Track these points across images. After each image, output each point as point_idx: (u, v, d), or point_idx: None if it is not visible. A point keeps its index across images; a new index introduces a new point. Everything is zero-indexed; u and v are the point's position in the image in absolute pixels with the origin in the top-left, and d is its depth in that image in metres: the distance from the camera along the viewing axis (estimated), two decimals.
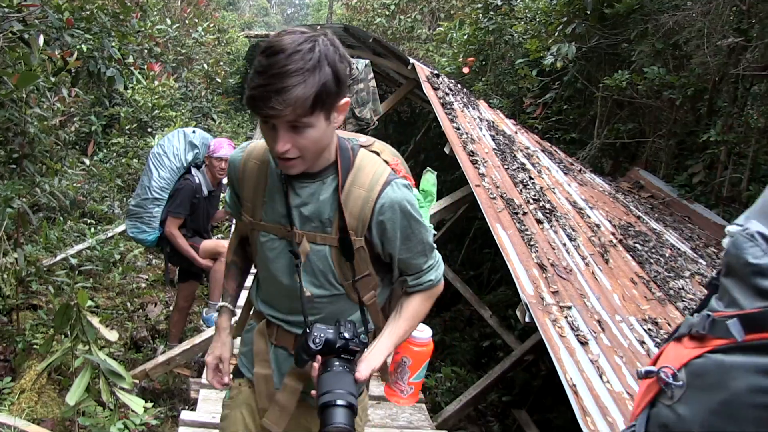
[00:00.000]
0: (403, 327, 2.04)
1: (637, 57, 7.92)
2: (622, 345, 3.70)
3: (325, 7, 33.35)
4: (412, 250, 1.96)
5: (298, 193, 1.91)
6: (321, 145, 1.76)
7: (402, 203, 1.87)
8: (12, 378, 4.83)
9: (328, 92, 1.64)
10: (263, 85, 1.59)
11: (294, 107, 1.59)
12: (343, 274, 1.95)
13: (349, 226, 1.87)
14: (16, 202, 4.79)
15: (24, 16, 3.58)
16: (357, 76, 5.37)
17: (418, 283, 2.04)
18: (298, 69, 1.58)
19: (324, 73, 1.62)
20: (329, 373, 1.84)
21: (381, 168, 1.92)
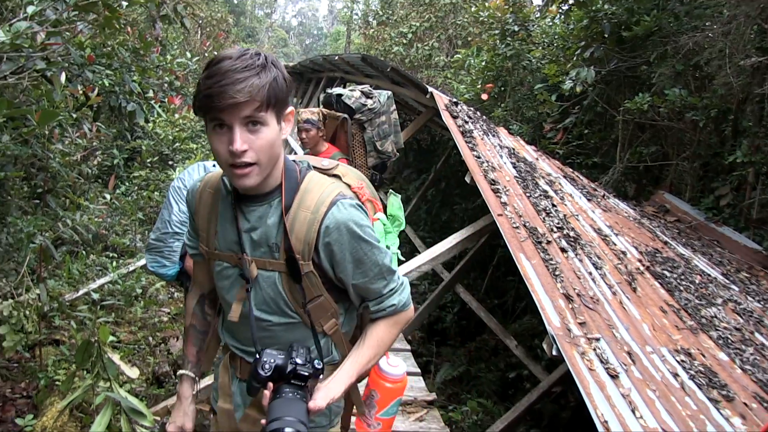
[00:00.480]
0: (367, 355, 1.95)
1: (657, 79, 7.82)
2: (655, 378, 3.57)
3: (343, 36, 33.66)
4: (367, 274, 1.89)
5: (247, 217, 1.87)
6: (274, 151, 1.74)
7: (347, 224, 1.80)
8: (34, 415, 4.80)
9: (280, 89, 1.68)
10: (216, 82, 1.60)
11: (252, 96, 1.61)
12: (295, 300, 1.89)
13: (295, 250, 1.82)
14: (39, 237, 4.78)
15: (47, 54, 3.58)
16: (379, 108, 5.31)
17: (379, 308, 1.96)
18: (248, 66, 1.63)
19: (273, 72, 1.67)
20: (279, 399, 1.77)
21: (329, 189, 1.86)
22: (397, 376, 2.13)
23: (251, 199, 1.85)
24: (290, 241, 1.81)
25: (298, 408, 1.74)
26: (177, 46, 12.47)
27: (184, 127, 10.51)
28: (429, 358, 8.61)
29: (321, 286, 1.88)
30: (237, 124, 1.64)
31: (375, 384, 2.14)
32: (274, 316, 1.92)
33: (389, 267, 1.94)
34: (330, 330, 1.98)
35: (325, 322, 1.96)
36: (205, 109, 1.64)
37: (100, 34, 4.54)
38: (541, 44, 10.95)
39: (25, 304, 4.77)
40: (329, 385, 1.87)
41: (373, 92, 5.46)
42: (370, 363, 1.96)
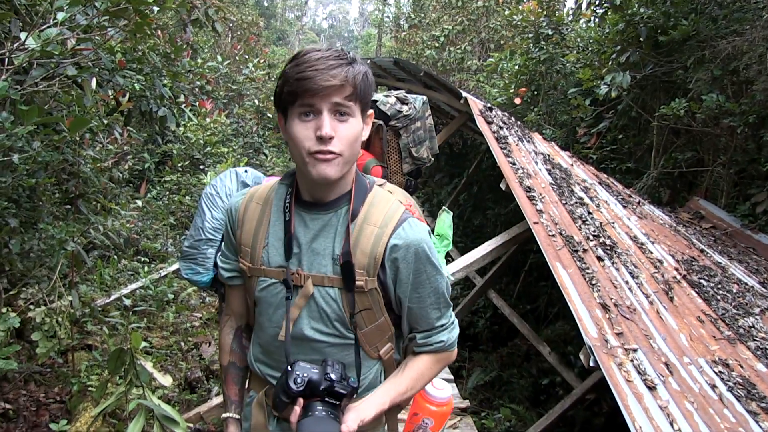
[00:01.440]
0: (405, 385, 1.86)
1: (694, 84, 7.72)
2: (693, 389, 3.52)
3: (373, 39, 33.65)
4: (423, 300, 1.81)
5: (309, 225, 1.79)
6: (356, 147, 1.71)
7: (419, 243, 1.75)
8: (68, 420, 4.85)
9: (367, 85, 1.67)
10: (310, 67, 1.59)
11: (347, 81, 1.60)
12: (354, 320, 1.79)
13: (358, 266, 1.73)
14: (71, 243, 4.82)
15: (78, 60, 3.61)
16: (414, 114, 5.28)
17: (427, 342, 1.88)
18: (339, 56, 1.63)
19: (362, 67, 1.66)
20: (310, 418, 1.63)
21: (395, 206, 1.81)
22: (444, 399, 2.07)
23: (315, 206, 1.79)
24: (355, 255, 1.73)
25: (331, 427, 1.63)
26: (207, 49, 12.55)
27: (215, 131, 10.56)
28: (461, 364, 8.58)
29: (382, 306, 1.81)
30: (326, 110, 1.61)
31: (424, 410, 2.05)
32: (330, 337, 1.81)
33: (446, 299, 1.87)
34: (385, 355, 1.90)
35: (382, 346, 1.89)
36: (295, 94, 1.61)
37: (130, 39, 4.57)
38: (575, 48, 10.86)
39: (57, 311, 4.82)
40: (361, 406, 1.77)
41: (409, 98, 5.44)
42: (405, 394, 1.87)
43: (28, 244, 4.54)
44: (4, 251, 4.43)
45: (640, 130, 9.48)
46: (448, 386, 2.10)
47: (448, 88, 8.71)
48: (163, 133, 10.22)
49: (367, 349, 1.86)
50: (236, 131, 12.05)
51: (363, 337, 1.83)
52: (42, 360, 4.89)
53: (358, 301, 1.77)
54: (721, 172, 8.36)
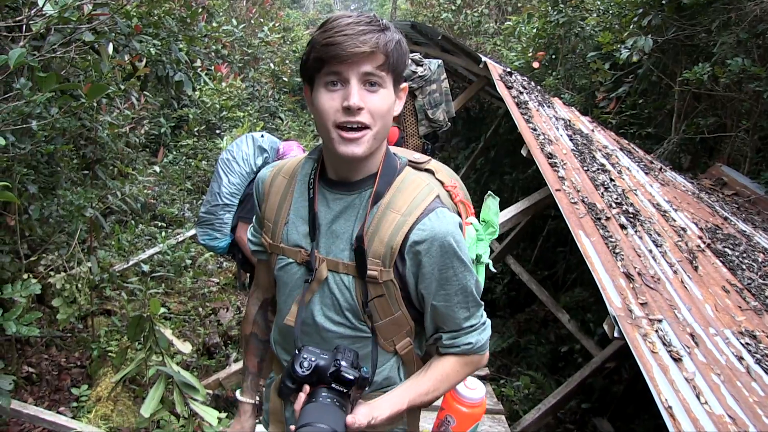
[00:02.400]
0: (426, 386, 1.73)
1: (718, 48, 7.55)
2: (719, 361, 3.48)
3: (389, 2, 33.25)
4: (450, 299, 1.66)
5: (331, 206, 1.69)
6: (387, 120, 1.59)
7: (446, 237, 1.60)
8: (88, 385, 4.90)
9: (401, 54, 1.57)
10: (339, 32, 1.49)
11: (378, 49, 1.50)
12: (368, 312, 1.68)
13: (374, 254, 1.62)
14: (89, 210, 4.81)
15: (95, 25, 3.56)
16: (429, 76, 5.22)
17: (453, 344, 1.74)
18: (371, 22, 1.53)
19: (396, 36, 1.56)
20: (314, 404, 1.54)
21: (424, 192, 1.66)
22: (476, 400, 1.92)
23: (339, 186, 1.69)
24: (372, 243, 1.62)
25: (334, 416, 1.52)
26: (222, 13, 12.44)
27: (230, 95, 10.49)
28: None
29: (399, 299, 1.68)
30: (355, 79, 1.51)
31: (450, 408, 1.95)
32: (341, 327, 1.72)
33: (476, 298, 1.72)
34: (403, 350, 1.79)
35: (399, 341, 1.77)
36: (322, 59, 1.51)
37: (146, 3, 4.51)
38: (595, 11, 10.65)
39: (77, 277, 4.83)
40: (375, 403, 1.67)
41: (424, 60, 5.37)
42: (427, 396, 1.74)
43: (47, 210, 4.54)
44: (24, 217, 4.43)
45: (661, 95, 9.33)
46: (482, 387, 1.97)
47: (466, 52, 8.57)
48: (179, 98, 10.16)
49: (382, 342, 1.75)
50: (252, 95, 11.99)
51: (377, 330, 1.72)
52: (63, 325, 4.93)
53: (372, 292, 1.66)
54: (745, 137, 8.24)
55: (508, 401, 6.35)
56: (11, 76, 3.56)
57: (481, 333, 1.77)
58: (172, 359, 4.10)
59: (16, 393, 4.50)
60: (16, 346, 4.79)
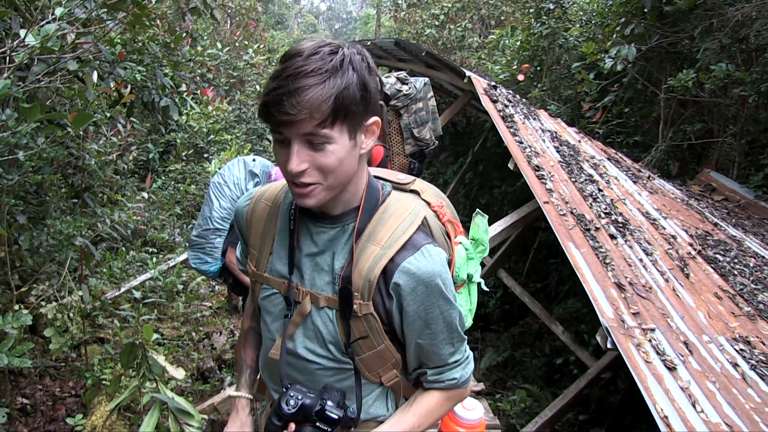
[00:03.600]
0: (410, 423, 1.72)
1: (702, 54, 7.61)
2: (714, 369, 3.48)
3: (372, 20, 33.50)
4: (435, 337, 1.64)
5: (315, 239, 1.65)
6: (345, 170, 1.49)
7: (433, 279, 1.56)
8: (83, 414, 4.87)
9: (352, 100, 1.41)
10: (276, 87, 1.38)
11: (310, 111, 1.36)
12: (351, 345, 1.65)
13: (354, 287, 1.58)
14: (78, 238, 4.80)
15: (78, 54, 3.56)
16: (415, 95, 5.23)
17: (438, 379, 1.73)
18: (315, 69, 1.37)
19: (347, 77, 1.40)
20: None
21: (407, 222, 1.61)
22: (475, 422, 1.93)
23: (323, 219, 1.65)
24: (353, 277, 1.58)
25: None
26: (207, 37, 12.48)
27: (217, 118, 10.50)
28: (473, 345, 8.57)
29: (381, 333, 1.64)
30: (295, 141, 1.43)
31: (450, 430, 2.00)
32: (324, 360, 1.69)
33: (460, 333, 1.70)
34: (389, 381, 1.75)
35: (384, 373, 1.73)
36: (263, 116, 1.43)
37: (129, 30, 4.52)
38: (577, 22, 10.72)
39: (68, 306, 4.81)
40: None
41: (409, 78, 5.38)
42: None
43: (37, 239, 4.53)
44: (14, 248, 4.42)
45: (647, 103, 9.39)
46: (479, 406, 1.97)
47: (450, 68, 8.62)
48: (166, 123, 10.16)
49: (366, 375, 1.72)
50: (239, 118, 11.99)
51: (361, 363, 1.69)
52: (56, 355, 4.91)
53: (354, 328, 1.63)
54: (732, 142, 8.28)
55: (504, 416, 6.33)
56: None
57: (465, 368, 1.76)
58: (166, 385, 4.08)
59: (11, 425, 4.47)
60: (9, 378, 4.76)
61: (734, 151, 8.27)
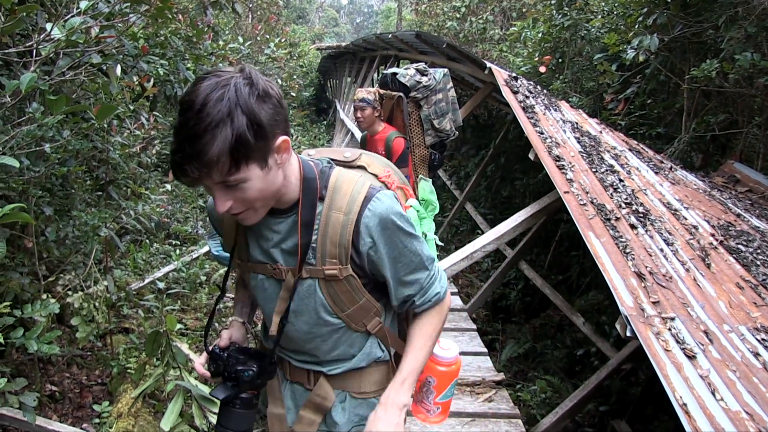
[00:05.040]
0: (420, 357, 1.89)
1: (726, 44, 7.52)
2: (734, 358, 3.47)
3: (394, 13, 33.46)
4: (409, 265, 1.82)
5: (275, 230, 1.80)
6: (267, 192, 1.61)
7: (388, 216, 1.73)
8: (109, 402, 4.96)
9: (246, 144, 1.47)
10: (177, 150, 1.46)
11: (209, 170, 1.46)
12: (336, 305, 1.83)
13: (330, 255, 1.74)
14: (104, 229, 4.88)
15: (102, 47, 3.62)
16: (435, 86, 5.24)
17: (425, 299, 1.89)
18: (206, 126, 1.42)
19: (237, 124, 1.45)
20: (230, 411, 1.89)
21: (359, 185, 1.76)
22: (450, 359, 2.09)
23: (275, 214, 1.78)
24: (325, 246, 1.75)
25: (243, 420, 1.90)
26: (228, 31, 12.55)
27: None
28: (494, 336, 8.58)
29: (361, 288, 1.83)
30: (213, 188, 1.55)
31: (429, 370, 2.10)
32: (316, 327, 1.88)
33: (429, 255, 1.88)
34: (374, 329, 1.95)
35: (368, 322, 1.92)
36: (175, 176, 1.54)
37: (152, 24, 4.57)
38: (599, 13, 10.65)
39: (94, 296, 4.90)
40: (389, 395, 1.83)
41: (428, 70, 5.40)
42: (424, 362, 1.92)
43: (63, 231, 4.61)
44: (41, 239, 4.50)
45: (670, 94, 9.31)
46: (455, 346, 2.11)
47: (471, 59, 8.61)
48: None
49: (354, 327, 1.91)
50: None
51: (347, 318, 1.87)
52: (82, 344, 5.00)
53: (336, 288, 1.80)
54: (757, 133, 8.19)
55: (525, 406, 6.33)
56: (23, 101, 3.63)
57: (441, 279, 1.95)
58: (189, 374, 4.16)
59: (41, 410, 4.57)
60: (38, 366, 4.86)
61: (759, 142, 8.18)
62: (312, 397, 1.99)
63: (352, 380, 2.01)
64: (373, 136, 5.43)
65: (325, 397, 1.98)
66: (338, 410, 2.00)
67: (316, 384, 2.00)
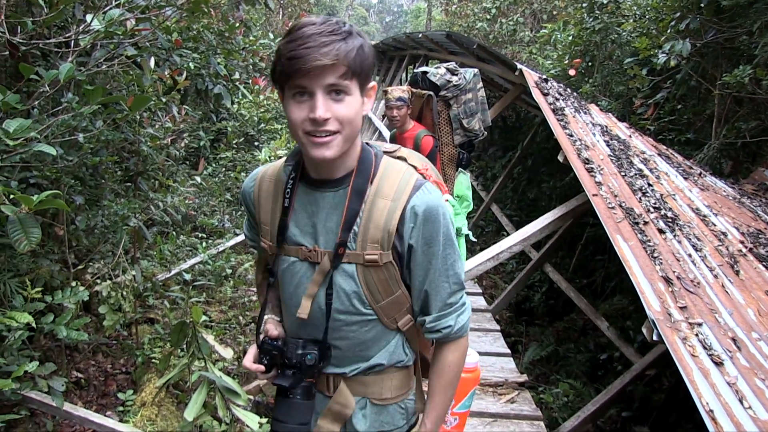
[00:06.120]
0: (443, 405, 1.92)
1: (760, 50, 7.43)
2: (763, 366, 3.44)
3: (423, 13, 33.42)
4: (434, 271, 1.77)
5: (320, 203, 1.76)
6: (356, 123, 1.64)
7: (436, 208, 1.71)
8: (133, 390, 5.01)
9: (365, 59, 1.59)
10: (301, 45, 1.51)
11: (338, 60, 1.52)
12: (371, 294, 1.77)
13: (371, 240, 1.71)
14: (133, 220, 4.94)
15: (137, 40, 3.67)
16: (465, 85, 5.24)
17: (434, 327, 1.85)
18: (333, 30, 1.54)
19: (359, 41, 1.58)
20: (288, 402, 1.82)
21: (407, 174, 1.76)
22: (471, 365, 2.05)
23: (325, 184, 1.75)
24: (368, 230, 1.71)
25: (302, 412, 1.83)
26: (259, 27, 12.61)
27: (268, 107, 10.63)
28: (517, 338, 8.56)
29: (399, 279, 1.79)
30: (320, 91, 1.55)
31: None
32: (346, 315, 1.80)
33: (458, 276, 1.84)
34: (405, 326, 1.89)
35: (400, 318, 1.87)
36: (287, 73, 1.55)
37: (188, 18, 4.61)
38: (631, 16, 10.57)
39: (122, 285, 4.96)
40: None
41: (459, 69, 5.39)
42: (448, 408, 1.93)
43: (93, 220, 4.67)
44: (71, 227, 4.56)
45: (700, 100, 9.21)
46: (475, 353, 2.07)
47: (501, 61, 8.59)
48: (218, 111, 10.32)
49: (385, 321, 1.85)
50: None
51: (381, 311, 1.81)
52: (109, 332, 5.06)
53: (374, 275, 1.75)
54: None
55: (547, 408, 6.32)
56: (59, 92, 3.68)
57: (460, 316, 1.87)
58: (214, 365, 4.19)
59: (67, 396, 4.63)
60: (65, 352, 4.92)
61: None
62: (332, 405, 1.91)
63: (373, 385, 1.94)
64: (402, 134, 5.43)
65: (345, 405, 1.91)
66: (359, 418, 1.94)
67: (336, 390, 1.93)
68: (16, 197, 2.32)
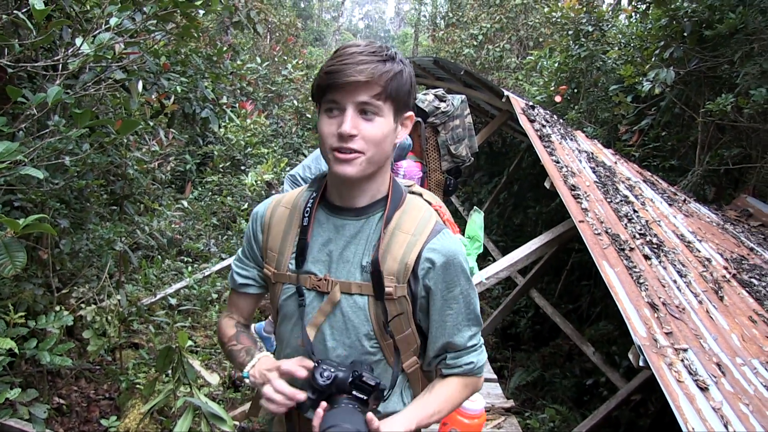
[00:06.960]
0: (432, 408, 1.75)
1: (741, 79, 7.55)
2: (747, 391, 3.45)
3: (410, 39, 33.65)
4: (456, 315, 1.73)
5: (341, 231, 1.72)
6: (384, 147, 1.62)
7: (456, 255, 1.69)
8: (117, 417, 4.94)
9: (403, 84, 1.60)
10: (340, 61, 1.54)
11: (373, 79, 1.53)
12: (380, 330, 1.70)
13: (388, 272, 1.65)
14: (118, 244, 4.91)
15: (125, 64, 3.67)
16: (452, 112, 5.27)
17: (456, 363, 1.79)
18: (375, 51, 1.56)
19: (401, 67, 1.59)
20: (336, 409, 1.55)
21: (428, 212, 1.74)
22: (476, 412, 2.00)
23: (347, 212, 1.72)
24: (385, 261, 1.66)
25: (357, 418, 1.53)
26: (247, 51, 12.66)
27: (255, 131, 10.62)
28: (503, 364, 8.54)
29: (410, 317, 1.72)
30: (350, 107, 1.55)
31: (453, 421, 2.00)
32: (350, 350, 1.72)
33: (478, 317, 1.79)
34: (410, 368, 1.82)
35: (407, 359, 1.80)
36: (322, 87, 1.57)
37: (177, 42, 4.62)
38: (616, 44, 10.71)
39: (106, 309, 4.91)
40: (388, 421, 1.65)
41: (447, 96, 5.43)
42: (432, 417, 1.74)
43: (78, 244, 4.64)
44: (55, 251, 4.52)
45: (684, 127, 9.33)
46: (481, 399, 2.03)
47: (488, 87, 8.66)
48: (205, 135, 10.32)
49: (391, 362, 1.77)
50: (276, 132, 12.11)
51: (387, 349, 1.74)
52: (93, 357, 4.99)
53: (390, 309, 1.69)
54: None
55: None
56: (45, 115, 3.68)
57: (480, 354, 1.83)
58: (199, 391, 4.15)
59: (48, 423, 4.55)
60: (47, 378, 4.86)
61: None
62: None
63: None
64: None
65: None
66: None
67: None
68: (2, 220, 2.30)
